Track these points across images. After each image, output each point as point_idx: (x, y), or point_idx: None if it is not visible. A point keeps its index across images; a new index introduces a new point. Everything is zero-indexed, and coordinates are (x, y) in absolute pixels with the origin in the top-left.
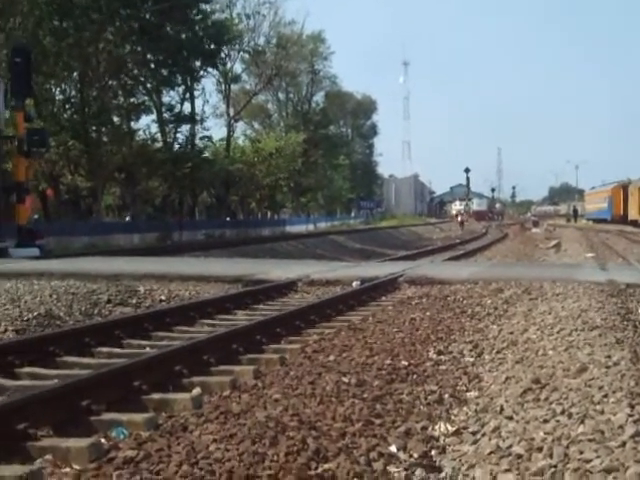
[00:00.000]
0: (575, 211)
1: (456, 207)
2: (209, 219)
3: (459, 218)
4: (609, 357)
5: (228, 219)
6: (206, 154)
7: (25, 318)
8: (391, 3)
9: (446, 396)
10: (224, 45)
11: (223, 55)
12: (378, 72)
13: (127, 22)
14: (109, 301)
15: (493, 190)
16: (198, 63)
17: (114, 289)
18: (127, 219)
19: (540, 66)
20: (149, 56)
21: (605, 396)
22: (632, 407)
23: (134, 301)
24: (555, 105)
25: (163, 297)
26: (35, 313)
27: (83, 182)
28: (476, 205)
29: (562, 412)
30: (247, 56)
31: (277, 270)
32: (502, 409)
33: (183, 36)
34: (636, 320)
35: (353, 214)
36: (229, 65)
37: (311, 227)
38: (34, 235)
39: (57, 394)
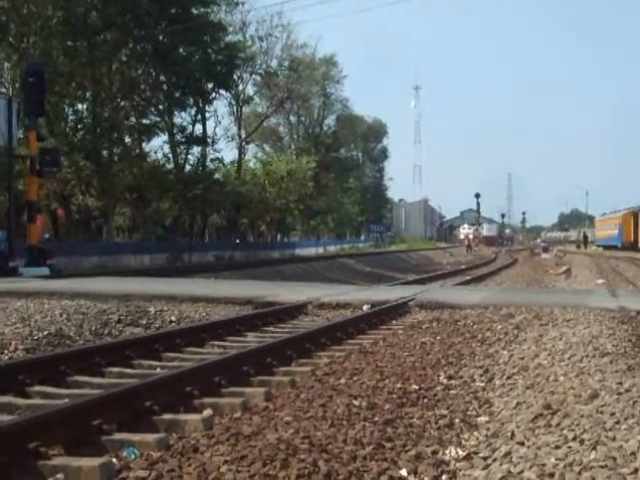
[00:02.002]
0: (585, 237)
1: (464, 231)
2: (219, 241)
3: (466, 242)
4: (620, 384)
5: (238, 241)
6: (217, 176)
7: (35, 337)
8: (404, 28)
9: (457, 420)
10: (236, 67)
11: (235, 77)
12: (389, 96)
13: (140, 43)
14: (119, 321)
15: (503, 216)
16: (210, 85)
17: (124, 309)
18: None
19: (553, 92)
20: (162, 77)
21: (617, 423)
22: None
23: (144, 322)
24: (566, 131)
25: (173, 318)
26: (45, 332)
27: (94, 202)
28: (486, 230)
29: (574, 438)
30: (259, 78)
31: (287, 292)
32: (513, 434)
33: (196, 58)
34: None
35: (363, 237)
36: (241, 87)
37: (321, 250)
38: (45, 254)
39: (68, 413)
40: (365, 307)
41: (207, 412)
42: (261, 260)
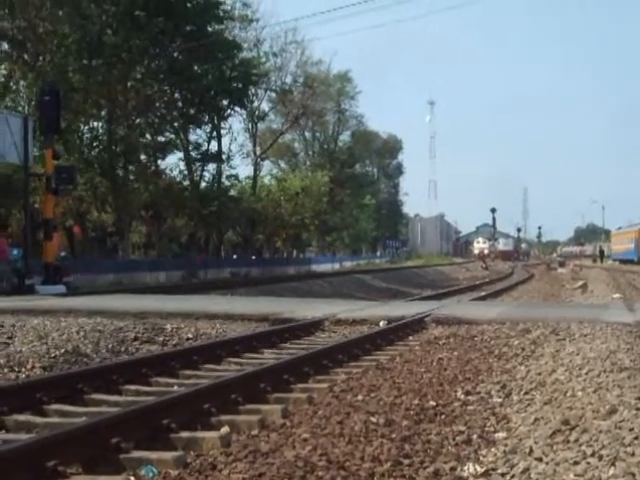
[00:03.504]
0: (601, 252)
1: (478, 245)
2: (235, 257)
3: (482, 263)
4: (639, 399)
5: (254, 257)
6: (232, 192)
7: (52, 355)
8: (419, 43)
9: (474, 437)
10: (251, 84)
11: (250, 94)
12: (404, 111)
13: (156, 61)
14: (136, 339)
15: (519, 230)
16: (225, 102)
17: (141, 327)
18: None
19: (569, 105)
20: (177, 95)
21: (636, 438)
22: None
23: (161, 339)
24: (582, 145)
25: (190, 335)
26: (62, 350)
27: (110, 219)
28: (502, 245)
29: (592, 454)
30: (274, 95)
31: (303, 309)
32: (531, 450)
33: (210, 75)
34: None
35: (379, 253)
36: (256, 104)
37: (337, 266)
38: (61, 272)
39: (86, 431)
40: (382, 323)
41: (224, 429)
42: (277, 276)
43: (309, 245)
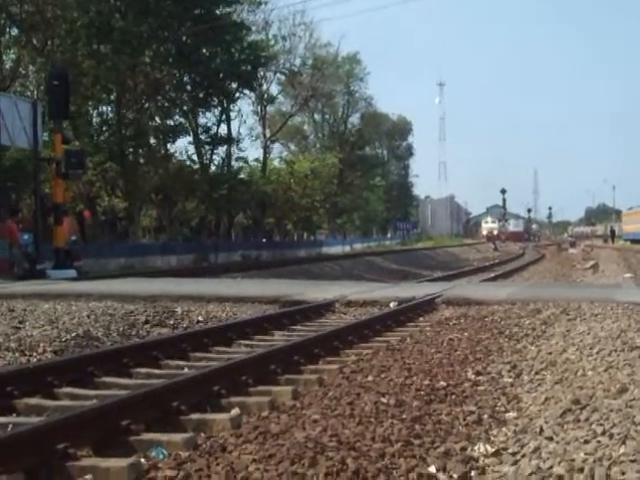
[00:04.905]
0: (612, 232)
1: (487, 225)
2: (246, 240)
3: (491, 244)
4: None
5: (264, 240)
6: (242, 175)
7: (63, 339)
8: (428, 22)
9: (485, 417)
10: (260, 67)
11: (259, 77)
12: (414, 93)
13: (164, 45)
14: (147, 322)
15: (529, 211)
16: (234, 85)
17: (152, 310)
18: None
19: (580, 85)
20: (186, 78)
21: None
22: None
23: (172, 322)
24: (593, 125)
25: (200, 318)
26: (73, 334)
27: (120, 203)
28: (513, 226)
29: (603, 433)
30: (283, 77)
31: (314, 291)
32: (542, 430)
33: (219, 58)
34: None
35: (389, 235)
36: (265, 87)
37: (347, 248)
38: (72, 256)
39: (96, 414)
40: (392, 304)
41: (235, 411)
42: (288, 259)
43: (319, 227)
